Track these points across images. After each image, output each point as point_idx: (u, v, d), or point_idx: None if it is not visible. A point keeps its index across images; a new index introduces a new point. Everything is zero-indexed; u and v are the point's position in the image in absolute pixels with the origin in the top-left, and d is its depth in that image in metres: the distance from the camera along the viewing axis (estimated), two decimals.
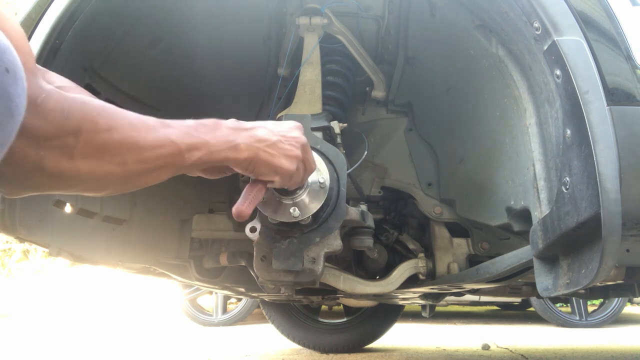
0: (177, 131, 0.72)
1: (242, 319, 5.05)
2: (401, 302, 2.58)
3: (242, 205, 0.89)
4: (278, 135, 0.88)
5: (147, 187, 0.75)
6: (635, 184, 0.80)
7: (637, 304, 7.71)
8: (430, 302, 2.24)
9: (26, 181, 0.60)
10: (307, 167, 0.96)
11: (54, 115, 0.58)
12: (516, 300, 5.76)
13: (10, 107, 0.48)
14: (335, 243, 1.18)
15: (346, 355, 2.94)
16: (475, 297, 4.92)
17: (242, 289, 1.99)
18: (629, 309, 7.29)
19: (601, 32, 0.91)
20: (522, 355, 2.92)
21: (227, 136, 0.80)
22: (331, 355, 2.94)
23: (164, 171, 0.72)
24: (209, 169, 0.85)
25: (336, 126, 1.43)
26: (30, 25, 1.11)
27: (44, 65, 1.10)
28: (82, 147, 0.61)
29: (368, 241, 1.41)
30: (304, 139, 0.93)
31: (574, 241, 0.90)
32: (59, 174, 0.61)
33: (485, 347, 3.23)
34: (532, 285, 2.01)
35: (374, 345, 3.14)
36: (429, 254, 1.72)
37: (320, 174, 1.15)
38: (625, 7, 0.94)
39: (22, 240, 1.19)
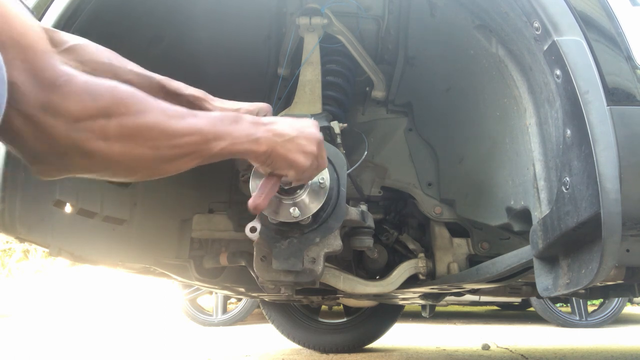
0: (204, 121, 0.74)
1: (242, 319, 5.05)
2: (401, 302, 2.58)
3: (259, 198, 0.92)
4: (296, 131, 0.90)
5: (147, 187, 0.76)
6: (635, 184, 0.80)
7: (637, 304, 7.71)
8: (430, 302, 2.24)
9: (61, 161, 0.62)
10: (320, 164, 0.98)
11: (79, 97, 0.60)
12: (516, 300, 5.76)
13: None
14: (335, 243, 1.18)
15: (346, 355, 2.94)
16: (475, 297, 4.91)
17: (242, 289, 1.99)
18: (629, 309, 7.28)
19: (601, 32, 0.91)
20: (522, 355, 2.92)
21: (248, 129, 0.82)
22: (331, 355, 2.94)
23: (191, 158, 0.74)
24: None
25: (336, 126, 1.43)
26: None
27: None
28: (115, 129, 0.63)
29: (368, 241, 1.41)
30: (320, 135, 0.95)
31: (574, 241, 0.90)
32: (92, 155, 0.62)
33: (485, 347, 3.23)
34: (532, 285, 2.01)
35: (374, 345, 3.14)
36: (429, 254, 1.72)
37: (321, 174, 1.15)
38: (625, 7, 0.94)
39: (22, 240, 1.19)
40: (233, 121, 0.80)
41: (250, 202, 0.92)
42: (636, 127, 0.82)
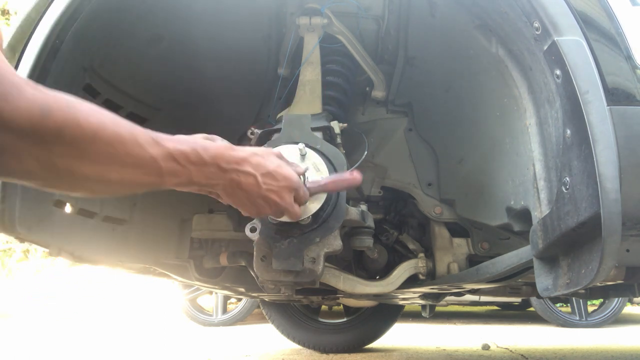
0: (165, 153, 0.72)
1: (242, 319, 5.05)
2: (401, 302, 2.58)
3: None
4: (264, 189, 0.90)
5: None
6: (635, 184, 0.80)
7: (637, 304, 7.70)
8: (430, 302, 2.24)
9: (4, 166, 0.58)
10: (289, 212, 0.99)
11: (29, 110, 0.56)
12: (516, 300, 5.75)
13: None
14: (335, 243, 1.18)
15: (346, 355, 2.94)
16: (475, 297, 4.91)
17: (242, 289, 1.99)
18: (629, 309, 7.28)
19: (601, 32, 0.91)
20: (522, 355, 2.92)
21: (213, 174, 0.81)
22: (331, 355, 2.94)
23: (141, 186, 0.73)
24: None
25: (336, 126, 1.43)
26: (30, 25, 1.11)
27: (44, 65, 1.10)
28: (62, 149, 0.59)
29: (368, 241, 1.41)
30: (283, 204, 0.94)
31: (574, 241, 0.90)
32: (32, 169, 0.59)
33: (485, 347, 3.23)
34: (532, 285, 2.01)
35: (374, 345, 3.13)
36: (429, 254, 1.72)
37: (320, 174, 1.15)
38: (625, 7, 0.95)
39: (22, 240, 1.19)
40: (201, 163, 0.78)
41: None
42: (636, 127, 0.82)
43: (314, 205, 1.12)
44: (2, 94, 0.54)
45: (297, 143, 1.20)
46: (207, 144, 0.80)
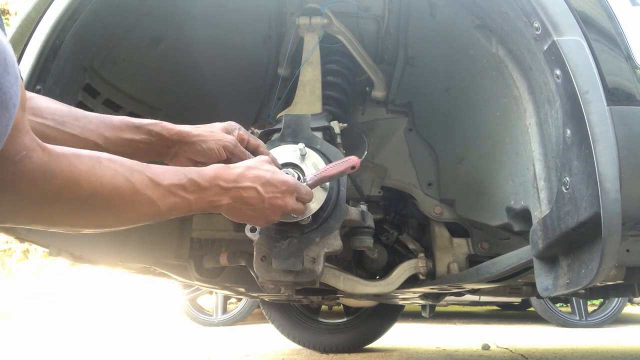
0: (163, 192, 0.73)
1: (242, 319, 5.05)
2: (401, 302, 2.58)
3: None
4: (265, 202, 0.91)
5: None
6: (635, 184, 0.80)
7: (637, 304, 7.71)
8: (430, 302, 2.24)
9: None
10: (303, 200, 1.02)
11: (33, 175, 0.56)
12: (516, 300, 5.75)
13: (3, 100, 0.47)
14: (335, 243, 1.18)
15: (346, 355, 2.94)
16: (475, 297, 4.91)
17: (242, 289, 1.99)
18: (629, 309, 7.28)
19: (601, 32, 0.91)
20: (522, 355, 2.92)
21: (213, 196, 0.82)
22: (331, 355, 2.94)
23: (139, 224, 0.75)
24: None
25: (336, 126, 1.43)
26: (30, 25, 1.11)
27: (44, 65, 1.10)
28: (60, 206, 0.61)
29: (368, 241, 1.41)
30: (288, 205, 0.96)
31: (574, 241, 0.90)
32: (29, 215, 0.60)
33: (485, 347, 3.23)
34: (532, 285, 2.01)
35: (374, 345, 3.13)
36: (429, 254, 1.72)
37: None
38: (625, 7, 0.94)
39: (22, 240, 1.19)
40: (200, 188, 0.79)
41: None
42: (636, 127, 0.82)
43: (314, 205, 1.12)
44: (12, 154, 0.54)
45: (297, 143, 1.20)
46: (202, 169, 0.82)
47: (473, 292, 2.05)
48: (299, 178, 1.11)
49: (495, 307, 7.10)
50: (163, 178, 0.74)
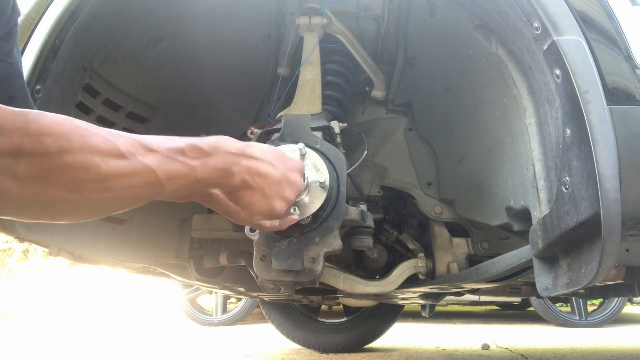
0: (159, 158, 0.63)
1: (242, 319, 5.05)
2: (401, 302, 2.58)
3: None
4: (280, 174, 0.82)
5: None
6: (635, 184, 0.80)
7: (637, 304, 7.71)
8: (430, 302, 2.24)
9: None
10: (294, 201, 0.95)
11: (15, 117, 0.51)
12: (516, 300, 5.76)
13: None
14: (335, 243, 1.18)
15: (346, 355, 2.94)
16: (475, 297, 4.92)
17: (242, 289, 1.99)
18: (629, 309, 7.28)
19: (601, 32, 0.91)
20: (522, 355, 2.92)
21: (223, 163, 0.72)
22: (331, 355, 2.94)
23: (136, 200, 0.64)
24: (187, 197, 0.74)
25: (336, 126, 1.43)
26: (30, 25, 1.11)
27: (44, 65, 1.10)
28: (25, 170, 0.52)
29: (368, 241, 1.41)
30: (301, 183, 0.91)
31: (574, 241, 0.90)
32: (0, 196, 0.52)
33: (485, 347, 3.23)
34: (532, 285, 2.01)
35: (374, 345, 3.14)
36: (429, 254, 1.72)
37: (320, 174, 1.15)
38: (625, 7, 0.94)
39: (22, 240, 1.19)
40: (205, 153, 0.69)
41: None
42: (636, 127, 0.82)
43: (314, 205, 1.12)
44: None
45: (297, 143, 1.19)
46: (201, 138, 0.72)
47: (473, 292, 2.05)
48: None
49: (495, 307, 7.10)
50: (154, 142, 0.64)
